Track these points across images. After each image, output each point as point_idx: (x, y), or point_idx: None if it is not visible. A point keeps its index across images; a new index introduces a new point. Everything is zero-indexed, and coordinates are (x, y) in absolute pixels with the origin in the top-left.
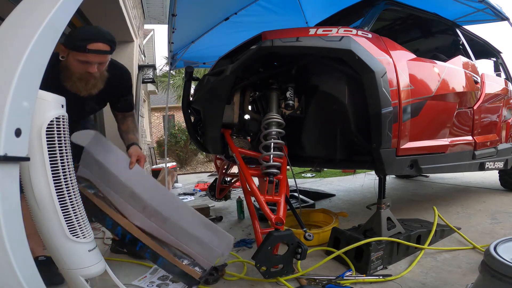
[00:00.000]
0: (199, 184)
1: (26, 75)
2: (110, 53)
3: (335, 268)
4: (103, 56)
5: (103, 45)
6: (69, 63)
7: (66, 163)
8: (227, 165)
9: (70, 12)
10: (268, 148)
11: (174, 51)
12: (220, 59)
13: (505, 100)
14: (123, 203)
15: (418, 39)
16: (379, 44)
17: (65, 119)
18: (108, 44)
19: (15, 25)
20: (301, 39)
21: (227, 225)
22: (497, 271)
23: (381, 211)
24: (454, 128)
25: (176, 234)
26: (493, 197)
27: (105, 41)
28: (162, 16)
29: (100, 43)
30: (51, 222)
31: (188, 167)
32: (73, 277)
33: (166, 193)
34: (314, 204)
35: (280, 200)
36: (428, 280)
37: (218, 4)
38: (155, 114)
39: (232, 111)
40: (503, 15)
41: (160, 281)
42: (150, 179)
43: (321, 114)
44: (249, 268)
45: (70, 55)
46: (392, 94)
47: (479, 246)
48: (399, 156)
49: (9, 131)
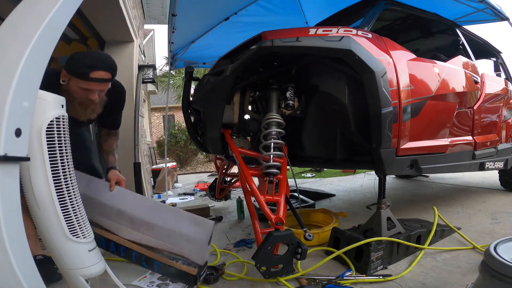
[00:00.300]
0: (199, 184)
1: (26, 75)
2: (111, 80)
3: (335, 268)
4: (104, 84)
5: (105, 73)
6: (70, 88)
7: (66, 163)
8: (227, 165)
9: (70, 12)
10: (268, 148)
11: (174, 51)
12: (220, 59)
13: (505, 100)
14: (111, 223)
15: (418, 39)
16: (379, 44)
17: (65, 119)
18: (110, 72)
19: (15, 25)
20: (301, 39)
21: (227, 225)
22: (497, 271)
23: (381, 211)
24: (454, 128)
25: (165, 237)
26: (493, 197)
27: (107, 69)
28: (162, 16)
29: (103, 71)
30: (51, 222)
31: (188, 167)
32: (73, 277)
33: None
34: (314, 204)
35: (280, 200)
36: (428, 280)
37: (218, 4)
38: (155, 114)
39: (232, 111)
40: (503, 15)
41: (160, 281)
42: (130, 194)
43: (321, 114)
44: (249, 268)
45: (71, 81)
46: (392, 94)
47: (479, 246)
48: (399, 156)
49: (9, 131)
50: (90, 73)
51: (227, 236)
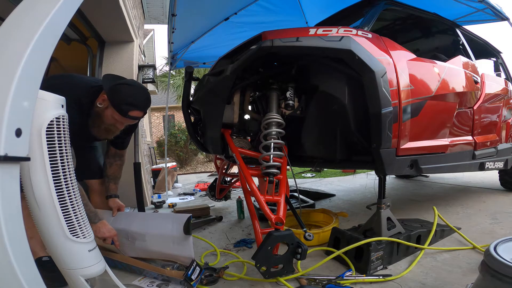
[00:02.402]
0: (199, 184)
1: (27, 75)
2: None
3: (335, 268)
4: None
5: (141, 113)
6: (103, 114)
7: (66, 163)
8: (227, 165)
9: (70, 12)
10: (268, 148)
11: (174, 51)
12: (220, 59)
13: (505, 100)
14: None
15: (418, 39)
16: (379, 44)
17: (65, 119)
18: (144, 112)
19: (16, 25)
20: (301, 39)
21: (227, 225)
22: (497, 271)
23: (381, 211)
24: (454, 128)
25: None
26: (493, 197)
27: (144, 110)
28: (162, 16)
29: (140, 111)
30: (51, 222)
31: (188, 167)
32: (73, 277)
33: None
34: (314, 204)
35: (280, 200)
36: (428, 280)
37: (218, 4)
38: (155, 114)
39: (232, 111)
40: (503, 15)
41: (160, 281)
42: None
43: (321, 114)
44: (249, 268)
45: (108, 109)
46: (392, 94)
47: (479, 246)
48: (399, 156)
49: (10, 131)
50: (129, 112)
51: (227, 236)
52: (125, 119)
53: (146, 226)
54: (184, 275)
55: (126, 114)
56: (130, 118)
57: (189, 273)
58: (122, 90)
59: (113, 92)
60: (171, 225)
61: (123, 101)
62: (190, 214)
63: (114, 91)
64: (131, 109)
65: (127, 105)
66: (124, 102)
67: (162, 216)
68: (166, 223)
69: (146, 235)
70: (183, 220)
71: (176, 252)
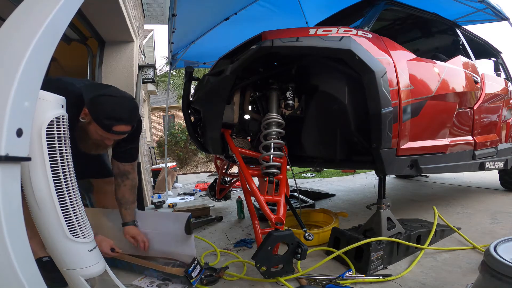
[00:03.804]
0: (199, 184)
1: (28, 75)
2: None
3: (335, 268)
4: (124, 135)
5: (127, 127)
6: (88, 129)
7: (66, 163)
8: (227, 165)
9: (71, 13)
10: (268, 148)
11: (174, 51)
12: (220, 59)
13: (505, 100)
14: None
15: (418, 39)
16: (379, 44)
17: (65, 119)
18: (131, 125)
19: (16, 26)
20: (301, 39)
21: (227, 225)
22: (497, 271)
23: (381, 211)
24: (454, 128)
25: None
26: (493, 197)
27: (129, 123)
28: (162, 16)
29: (125, 125)
30: (51, 222)
31: (188, 167)
32: (73, 277)
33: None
34: (314, 204)
35: (280, 200)
36: (428, 280)
37: (218, 4)
38: (155, 114)
39: (232, 111)
40: (503, 15)
41: (160, 281)
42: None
43: (321, 114)
44: (249, 268)
45: (92, 124)
46: (392, 94)
47: (479, 246)
48: (399, 156)
49: (11, 131)
50: (113, 127)
51: (227, 236)
52: (111, 135)
53: (148, 224)
54: (185, 272)
55: (110, 130)
56: (115, 134)
57: (189, 270)
58: (103, 102)
59: (93, 105)
60: (173, 223)
61: (105, 115)
62: (190, 213)
63: (95, 104)
64: (115, 123)
65: (110, 120)
66: (106, 116)
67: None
68: (167, 222)
69: (148, 233)
70: (184, 219)
71: (178, 250)
